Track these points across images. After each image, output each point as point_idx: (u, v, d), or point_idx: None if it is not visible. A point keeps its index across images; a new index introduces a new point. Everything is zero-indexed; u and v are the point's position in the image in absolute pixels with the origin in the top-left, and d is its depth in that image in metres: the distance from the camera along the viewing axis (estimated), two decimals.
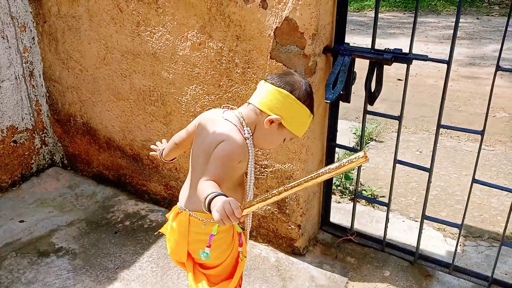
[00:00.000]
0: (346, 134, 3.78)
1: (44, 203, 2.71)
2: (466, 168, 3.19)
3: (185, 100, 2.22)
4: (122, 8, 2.23)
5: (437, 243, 2.38)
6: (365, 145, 3.65)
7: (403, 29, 8.25)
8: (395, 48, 1.84)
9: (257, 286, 2.06)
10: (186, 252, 1.41)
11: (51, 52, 2.69)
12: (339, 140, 2.22)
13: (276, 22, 1.80)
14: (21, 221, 2.54)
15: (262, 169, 2.11)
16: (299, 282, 2.08)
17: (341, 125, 4.12)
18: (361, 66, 1.97)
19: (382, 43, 6.64)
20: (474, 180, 1.83)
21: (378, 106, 4.38)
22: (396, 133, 2.03)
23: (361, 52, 1.84)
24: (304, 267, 2.17)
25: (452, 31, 7.87)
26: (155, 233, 2.38)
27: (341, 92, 1.95)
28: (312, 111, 1.30)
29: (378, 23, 1.98)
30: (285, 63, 1.85)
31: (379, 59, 1.80)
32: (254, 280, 2.09)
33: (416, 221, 2.58)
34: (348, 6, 10.35)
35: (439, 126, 1.88)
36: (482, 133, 1.75)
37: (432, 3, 10.28)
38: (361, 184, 3.01)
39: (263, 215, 2.23)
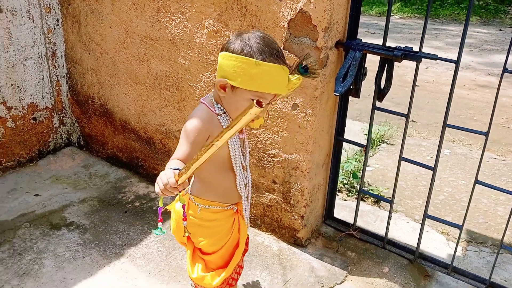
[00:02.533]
0: (358, 134, 3.80)
1: (59, 180, 2.81)
2: (473, 173, 3.18)
3: (199, 87, 2.28)
4: None
5: (440, 246, 2.39)
6: (376, 146, 3.66)
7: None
8: (406, 46, 1.86)
9: (257, 272, 2.11)
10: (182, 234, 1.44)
11: (73, 34, 2.78)
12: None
13: (290, 14, 1.85)
14: (36, 195, 2.64)
15: (270, 158, 2.16)
16: (299, 272, 2.12)
17: (354, 126, 4.15)
18: (373, 64, 2.00)
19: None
20: (477, 182, 1.85)
21: (393, 109, 4.39)
22: (408, 136, 2.05)
23: (372, 48, 1.87)
24: (305, 258, 2.21)
25: (473, 41, 7.77)
26: (162, 209, 2.44)
27: (351, 87, 2.00)
28: (266, 57, 1.17)
29: (399, 27, 2.00)
30: (297, 54, 1.89)
31: (390, 56, 1.84)
32: (255, 266, 2.14)
33: (420, 223, 2.59)
34: (371, 10, 10.37)
35: (445, 125, 1.90)
36: (486, 134, 1.77)
37: (455, 12, 10.18)
38: (369, 184, 3.03)
39: (268, 204, 2.28)
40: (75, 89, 2.97)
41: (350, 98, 2.10)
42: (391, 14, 10.22)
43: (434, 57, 1.81)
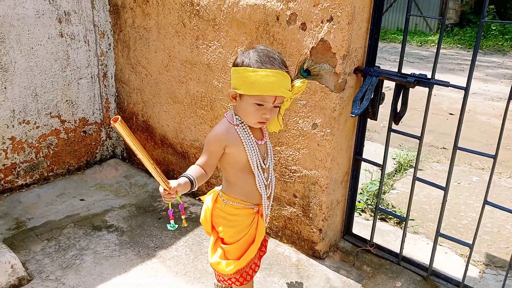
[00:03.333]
0: (378, 155, 3.89)
1: (103, 187, 3.10)
2: (501, 203, 3.19)
3: (230, 107, 2.50)
4: (185, 24, 2.59)
5: (457, 267, 2.44)
6: (404, 170, 3.74)
7: (463, 65, 8.17)
8: (420, 74, 2.01)
9: (276, 279, 2.26)
10: (211, 222, 1.65)
11: (123, 57, 3.12)
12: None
13: (312, 42, 2.05)
14: (82, 200, 2.93)
15: (291, 173, 2.34)
16: (315, 281, 2.25)
17: (382, 150, 4.25)
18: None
19: (438, 78, 6.65)
20: (486, 202, 1.94)
21: (427, 136, 4.45)
22: (437, 163, 2.16)
23: (388, 75, 2.04)
24: (322, 269, 2.34)
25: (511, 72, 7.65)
26: (197, 199, 2.68)
27: (369, 110, 2.16)
28: (262, 65, 1.37)
29: (439, 58, 2.11)
30: (317, 79, 2.09)
31: (403, 82, 1.99)
32: (273, 273, 2.29)
33: (441, 245, 2.65)
34: (412, 40, 10.42)
35: (455, 147, 2.01)
36: (494, 157, 1.87)
37: (499, 43, 10.05)
38: (393, 206, 3.12)
39: (288, 217, 2.43)
40: (122, 107, 3.29)
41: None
42: (432, 44, 10.24)
43: (445, 84, 1.94)
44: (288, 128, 2.28)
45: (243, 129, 1.50)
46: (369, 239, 2.42)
